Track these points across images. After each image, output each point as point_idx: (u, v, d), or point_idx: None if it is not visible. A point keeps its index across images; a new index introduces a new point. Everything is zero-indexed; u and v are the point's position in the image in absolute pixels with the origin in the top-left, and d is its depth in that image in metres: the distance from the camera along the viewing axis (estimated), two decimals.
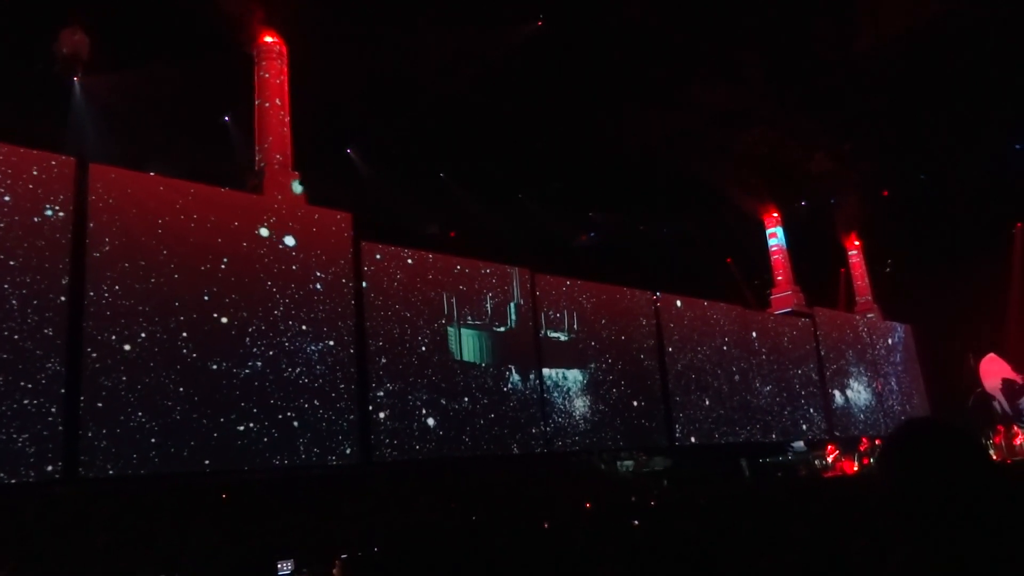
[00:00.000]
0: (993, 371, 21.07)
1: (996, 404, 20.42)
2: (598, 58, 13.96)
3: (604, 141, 16.14)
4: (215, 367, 8.54)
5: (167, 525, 8.01)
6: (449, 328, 11.37)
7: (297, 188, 10.21)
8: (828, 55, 14.81)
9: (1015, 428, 17.45)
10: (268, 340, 9.02)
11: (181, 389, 8.42)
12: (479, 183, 16.97)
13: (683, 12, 13.44)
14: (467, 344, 11.57)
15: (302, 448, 9.07)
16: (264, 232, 9.44)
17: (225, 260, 8.93)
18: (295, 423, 9.06)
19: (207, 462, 8.45)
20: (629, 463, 14.45)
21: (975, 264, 19.36)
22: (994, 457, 16.39)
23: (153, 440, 8.09)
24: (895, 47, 14.23)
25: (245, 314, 8.92)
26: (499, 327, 12.10)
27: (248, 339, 8.87)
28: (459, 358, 11.38)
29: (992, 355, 21.06)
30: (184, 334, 8.45)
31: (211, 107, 13.34)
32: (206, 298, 8.67)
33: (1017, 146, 18.13)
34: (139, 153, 11.53)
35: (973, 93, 15.62)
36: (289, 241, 9.65)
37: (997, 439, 17.21)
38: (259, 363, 8.88)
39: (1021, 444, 17.12)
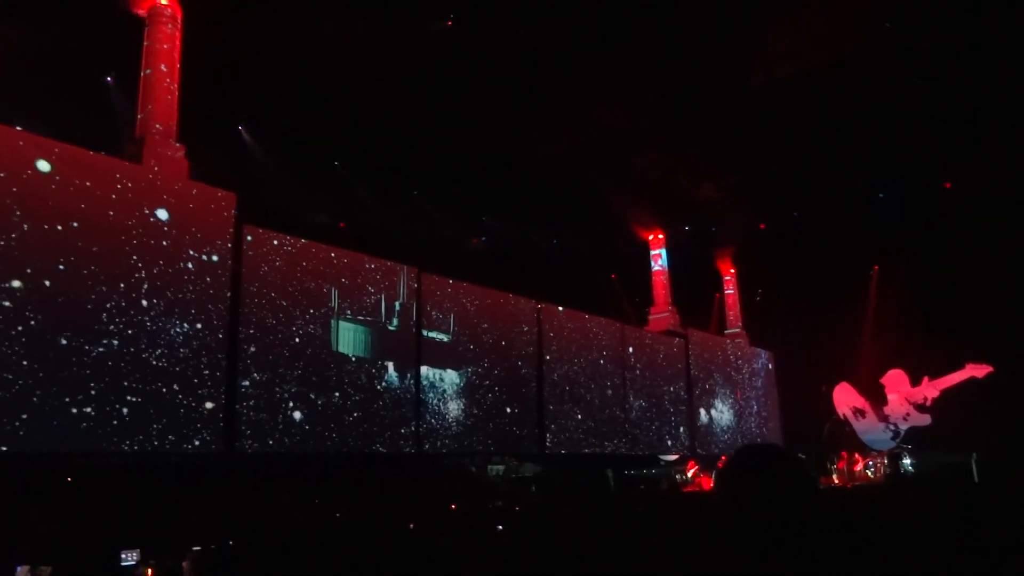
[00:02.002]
0: (844, 399, 22.69)
1: (847, 430, 21.96)
2: (506, 67, 14.07)
3: (505, 149, 16.27)
4: (64, 342, 7.94)
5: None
6: (331, 321, 11.09)
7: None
8: (722, 89, 15.54)
9: (856, 455, 18.82)
10: (128, 318, 8.47)
11: (25, 363, 7.78)
12: (375, 177, 16.71)
13: (589, 34, 13.76)
14: (344, 338, 11.32)
15: (155, 434, 8.57)
16: (135, 202, 8.88)
17: (87, 228, 8.32)
18: (149, 408, 8.56)
19: (46, 443, 7.83)
20: (500, 468, 14.59)
21: (835, 300, 20.82)
22: (836, 481, 17.68)
23: None
24: (786, 89, 15.09)
25: (104, 288, 8.34)
26: (381, 324, 11.91)
27: (105, 315, 8.30)
28: (336, 351, 11.11)
29: (844, 384, 22.68)
30: (32, 304, 7.81)
31: (96, 67, 12.54)
32: (61, 267, 8.05)
33: (881, 195, 19.63)
34: (7, 108, 10.64)
35: (849, 142, 16.82)
36: (162, 215, 9.12)
37: (840, 464, 18.50)
38: (115, 341, 8.32)
39: (861, 470, 18.48)
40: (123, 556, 7.42)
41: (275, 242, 10.62)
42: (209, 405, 9.23)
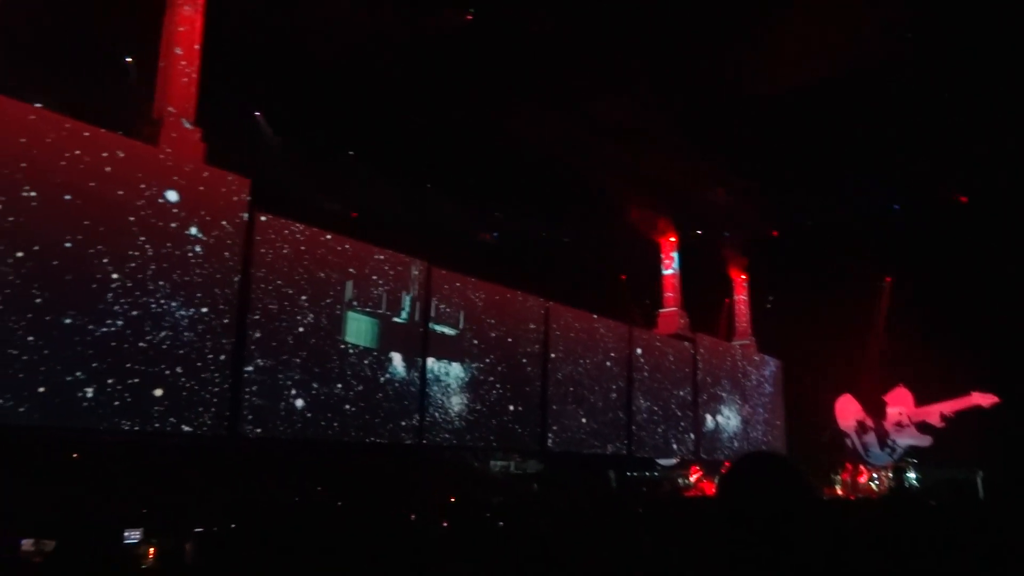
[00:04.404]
0: (848, 411, 22.50)
1: (848, 442, 21.80)
2: (528, 62, 14.01)
3: (523, 145, 16.21)
4: (68, 321, 7.95)
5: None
6: (338, 310, 11.09)
7: (186, 123, 9.75)
8: (741, 94, 15.41)
9: (860, 467, 18.68)
10: (133, 299, 8.48)
11: (30, 339, 7.80)
12: (389, 168, 16.71)
13: (612, 33, 13.67)
14: (352, 328, 11.32)
15: (156, 416, 8.58)
16: (145, 183, 8.88)
17: (95, 207, 8.32)
18: (152, 390, 8.56)
19: (48, 419, 7.86)
20: (503, 463, 14.58)
21: (846, 311, 20.65)
22: (839, 492, 17.56)
23: None
24: (804, 96, 14.95)
25: (111, 267, 8.34)
26: (388, 315, 11.90)
27: (111, 295, 8.30)
28: (342, 340, 11.11)
29: (847, 395, 22.49)
30: (39, 282, 7.83)
31: (117, 46, 12.60)
32: (68, 245, 8.06)
33: (896, 207, 19.45)
34: (26, 85, 10.70)
35: (867, 152, 16.65)
36: (171, 196, 9.12)
37: (844, 475, 18.37)
38: (119, 322, 8.32)
39: (865, 482, 18.34)
40: (126, 534, 7.46)
41: (285, 230, 10.61)
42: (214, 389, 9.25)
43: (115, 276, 8.39)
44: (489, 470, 14.39)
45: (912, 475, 18.02)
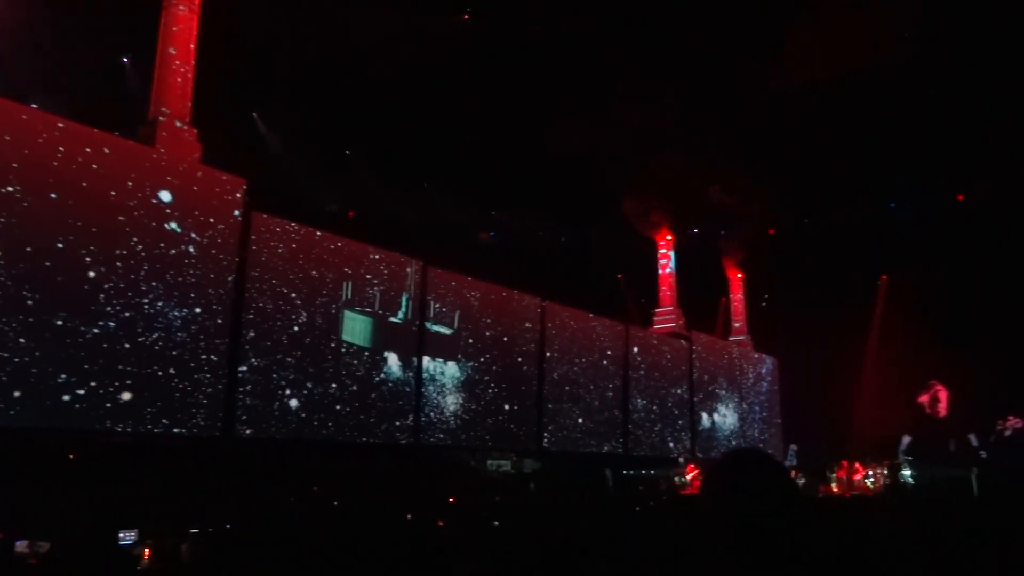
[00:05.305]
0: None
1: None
2: (525, 61, 14.00)
3: (519, 144, 16.19)
4: (60, 323, 7.92)
5: None
6: (334, 310, 11.07)
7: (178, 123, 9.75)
8: (739, 94, 15.43)
9: (856, 464, 18.68)
10: (126, 300, 8.45)
11: (22, 340, 7.78)
12: (386, 167, 16.69)
13: (612, 30, 13.66)
14: (348, 327, 11.29)
15: (149, 418, 8.56)
16: (138, 183, 8.85)
17: (87, 207, 8.29)
18: (144, 391, 8.54)
19: (40, 421, 7.83)
20: (500, 463, 14.55)
21: (842, 309, 20.65)
22: (835, 490, 17.56)
23: None
24: (801, 97, 14.97)
25: (103, 268, 8.32)
26: (384, 315, 11.88)
27: (103, 296, 8.28)
28: (339, 339, 11.08)
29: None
30: (30, 283, 7.80)
31: (114, 47, 12.59)
32: (60, 246, 8.03)
33: (892, 205, 19.46)
34: (21, 84, 10.68)
35: (864, 151, 16.67)
36: (165, 196, 9.09)
37: (840, 473, 18.37)
38: (112, 323, 8.30)
39: (860, 479, 18.35)
40: (121, 535, 7.42)
41: (279, 229, 10.58)
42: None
43: (107, 277, 8.37)
44: (485, 470, 14.37)
45: (907, 472, 18.03)
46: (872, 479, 18.30)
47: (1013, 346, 18.37)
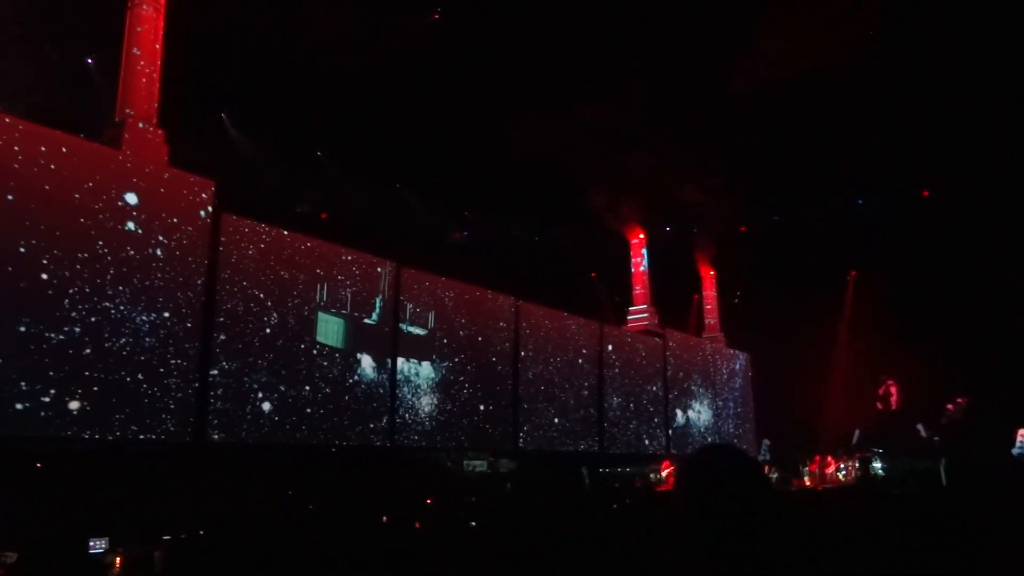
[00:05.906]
0: None
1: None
2: (494, 61, 13.96)
3: (490, 144, 16.16)
4: (23, 328, 7.75)
5: None
6: (307, 312, 10.96)
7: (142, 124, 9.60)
8: (707, 92, 15.53)
9: (828, 458, 18.94)
10: (91, 304, 8.29)
11: None
12: (358, 167, 16.56)
13: (580, 30, 13.69)
14: (322, 329, 11.19)
15: (117, 424, 8.40)
16: (103, 186, 8.68)
17: (50, 211, 8.12)
18: (112, 397, 8.38)
19: (3, 430, 7.65)
20: (476, 463, 14.51)
21: (813, 304, 20.92)
22: (807, 483, 17.78)
23: None
24: (769, 95, 15.11)
25: (67, 273, 8.15)
26: (358, 316, 11.79)
27: (67, 301, 8.11)
28: (311, 342, 10.97)
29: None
30: None
31: (78, 48, 12.34)
32: (22, 250, 7.85)
33: (860, 201, 19.75)
34: None
35: (831, 148, 16.89)
36: (131, 199, 8.94)
37: (812, 467, 18.62)
38: (77, 329, 8.14)
39: (832, 472, 18.61)
40: (91, 543, 7.28)
41: (248, 230, 10.46)
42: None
43: (72, 282, 8.20)
44: (462, 470, 14.33)
45: (878, 465, 18.32)
46: (844, 472, 18.57)
47: (960, 334, 18.75)
